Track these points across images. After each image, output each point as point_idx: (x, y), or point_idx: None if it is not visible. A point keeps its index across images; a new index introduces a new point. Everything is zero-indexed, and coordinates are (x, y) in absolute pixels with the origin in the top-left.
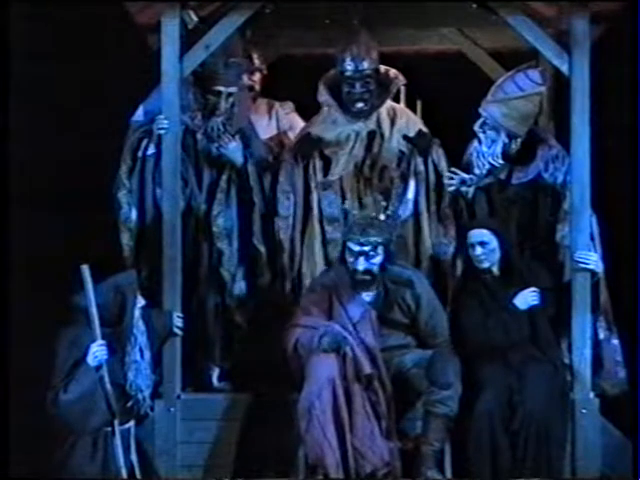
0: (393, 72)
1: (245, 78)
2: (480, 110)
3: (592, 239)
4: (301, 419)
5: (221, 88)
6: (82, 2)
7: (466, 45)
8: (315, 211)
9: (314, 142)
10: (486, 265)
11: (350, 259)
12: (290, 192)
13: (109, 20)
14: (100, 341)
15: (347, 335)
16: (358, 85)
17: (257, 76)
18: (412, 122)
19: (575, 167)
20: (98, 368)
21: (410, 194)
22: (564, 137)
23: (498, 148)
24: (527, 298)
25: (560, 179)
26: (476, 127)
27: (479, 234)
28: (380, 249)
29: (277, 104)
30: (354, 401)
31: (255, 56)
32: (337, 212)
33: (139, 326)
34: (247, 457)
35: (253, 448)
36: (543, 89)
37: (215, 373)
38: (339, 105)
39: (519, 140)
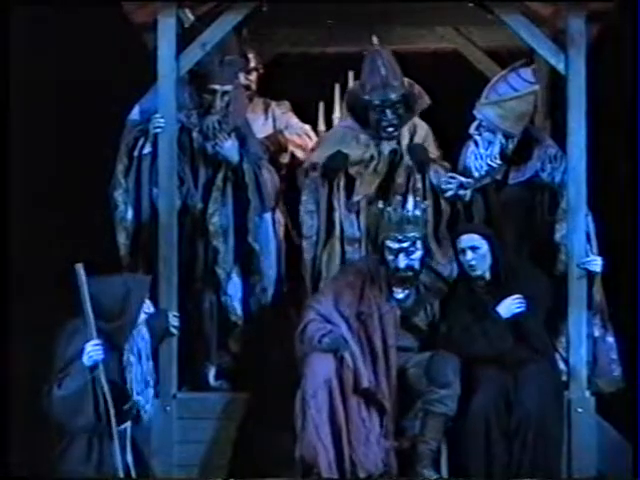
0: (417, 90)
1: (242, 77)
2: (475, 112)
3: (589, 238)
4: (297, 418)
5: (216, 86)
6: (79, 1)
7: (462, 44)
8: (337, 231)
9: (344, 158)
10: (478, 273)
11: (390, 257)
12: (314, 212)
13: (105, 19)
14: (95, 341)
15: (349, 340)
16: (389, 112)
17: (253, 75)
18: (429, 138)
19: (571, 166)
20: (92, 368)
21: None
22: (561, 136)
23: (496, 149)
24: (510, 306)
25: (558, 178)
26: (472, 130)
27: (469, 239)
28: (419, 244)
29: (273, 103)
30: (350, 407)
31: (251, 55)
32: (358, 233)
33: (141, 332)
34: (243, 456)
35: (249, 447)
36: (537, 87)
37: (211, 372)
38: (363, 127)
39: (515, 140)
